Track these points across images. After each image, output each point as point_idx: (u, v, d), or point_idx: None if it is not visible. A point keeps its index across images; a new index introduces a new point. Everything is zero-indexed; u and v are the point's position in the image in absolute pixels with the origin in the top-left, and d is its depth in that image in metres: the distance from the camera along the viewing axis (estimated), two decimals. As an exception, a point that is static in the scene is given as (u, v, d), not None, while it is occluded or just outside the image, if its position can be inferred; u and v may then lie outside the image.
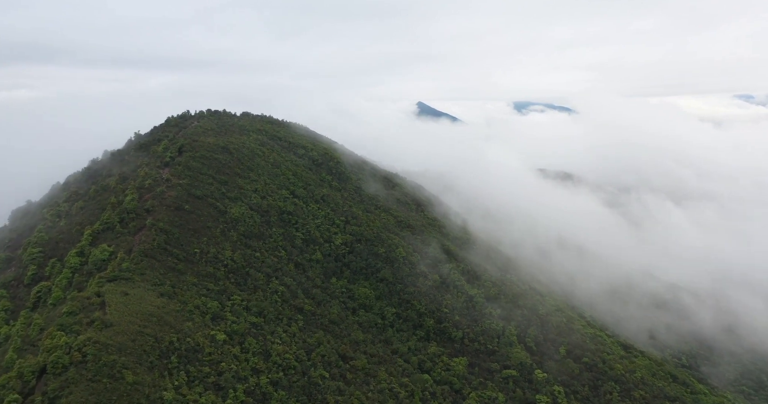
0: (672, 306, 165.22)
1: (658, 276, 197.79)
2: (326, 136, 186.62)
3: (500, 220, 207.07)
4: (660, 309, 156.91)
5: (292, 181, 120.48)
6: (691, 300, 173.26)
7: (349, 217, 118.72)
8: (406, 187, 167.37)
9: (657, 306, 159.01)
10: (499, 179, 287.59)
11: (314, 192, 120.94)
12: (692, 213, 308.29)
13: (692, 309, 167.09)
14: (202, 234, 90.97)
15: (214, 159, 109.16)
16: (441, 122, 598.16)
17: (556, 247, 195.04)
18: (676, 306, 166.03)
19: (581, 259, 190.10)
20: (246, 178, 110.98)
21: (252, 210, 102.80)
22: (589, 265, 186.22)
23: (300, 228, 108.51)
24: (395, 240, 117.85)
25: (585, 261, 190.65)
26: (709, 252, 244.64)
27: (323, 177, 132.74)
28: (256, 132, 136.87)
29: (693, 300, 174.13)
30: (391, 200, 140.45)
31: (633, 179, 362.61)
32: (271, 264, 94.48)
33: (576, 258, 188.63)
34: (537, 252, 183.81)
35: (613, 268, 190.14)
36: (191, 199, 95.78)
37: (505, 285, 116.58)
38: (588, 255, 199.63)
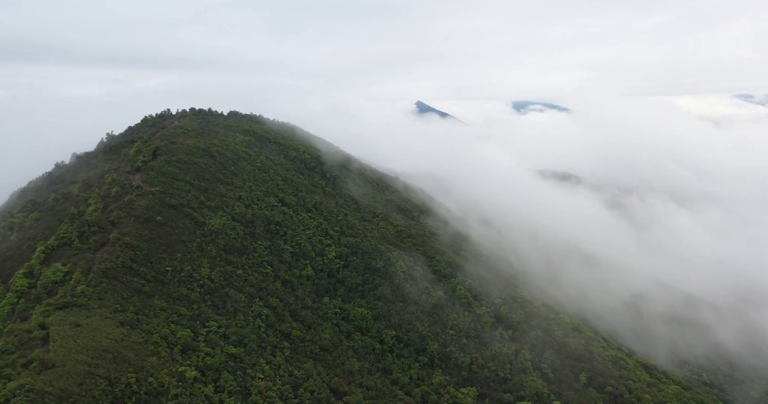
0: (689, 319, 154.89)
1: (671, 284, 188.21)
2: (323, 136, 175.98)
3: (502, 226, 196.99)
4: (677, 322, 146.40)
5: (281, 187, 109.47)
6: (708, 312, 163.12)
7: (344, 227, 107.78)
8: (405, 191, 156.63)
9: (674, 319, 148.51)
10: (499, 181, 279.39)
11: (306, 199, 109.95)
12: (698, 216, 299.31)
13: (711, 321, 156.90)
14: (175, 250, 79.83)
15: (193, 163, 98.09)
16: (440, 122, 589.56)
17: (563, 255, 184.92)
18: (694, 319, 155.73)
19: (590, 268, 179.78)
20: (229, 184, 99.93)
21: (234, 221, 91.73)
22: (598, 275, 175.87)
23: (289, 240, 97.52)
24: (395, 252, 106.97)
25: (594, 270, 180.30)
26: (719, 258, 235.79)
27: (316, 182, 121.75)
28: (243, 133, 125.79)
29: (711, 311, 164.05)
30: (390, 207, 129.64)
31: (633, 180, 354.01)
32: (254, 283, 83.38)
33: (584, 267, 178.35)
34: (543, 260, 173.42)
35: (624, 277, 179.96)
36: (164, 209, 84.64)
37: (516, 301, 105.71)
38: (596, 263, 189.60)
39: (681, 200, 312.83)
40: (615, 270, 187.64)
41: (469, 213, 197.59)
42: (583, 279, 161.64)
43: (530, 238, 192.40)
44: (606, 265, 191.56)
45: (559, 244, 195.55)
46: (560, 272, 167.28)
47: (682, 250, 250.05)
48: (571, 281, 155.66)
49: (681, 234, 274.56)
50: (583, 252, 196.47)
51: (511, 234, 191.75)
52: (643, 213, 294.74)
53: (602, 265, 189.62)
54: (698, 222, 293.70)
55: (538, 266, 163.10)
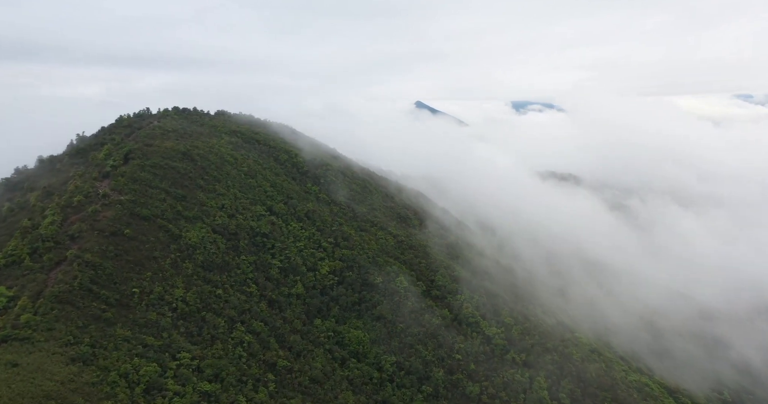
0: (706, 333, 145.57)
1: (684, 293, 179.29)
2: (321, 136, 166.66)
3: (504, 231, 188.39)
4: (694, 336, 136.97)
5: (270, 194, 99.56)
6: (725, 324, 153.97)
7: (339, 238, 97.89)
8: (405, 196, 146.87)
9: (691, 334, 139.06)
10: (499, 182, 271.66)
11: (297, 207, 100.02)
12: (702, 218, 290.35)
13: (728, 335, 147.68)
14: (145, 268, 69.84)
15: (171, 168, 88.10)
16: (439, 122, 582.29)
17: (569, 262, 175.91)
18: (711, 333, 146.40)
19: (598, 275, 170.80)
20: (211, 191, 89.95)
21: (215, 234, 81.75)
22: (608, 283, 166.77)
23: (277, 254, 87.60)
24: (395, 266, 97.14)
25: (602, 277, 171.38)
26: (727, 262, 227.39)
27: (309, 188, 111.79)
28: (231, 134, 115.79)
29: (727, 324, 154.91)
30: (389, 214, 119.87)
31: (634, 180, 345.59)
32: (236, 305, 73.44)
33: (592, 275, 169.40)
34: (549, 269, 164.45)
35: (635, 286, 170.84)
36: (134, 221, 74.66)
37: (529, 320, 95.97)
38: (604, 269, 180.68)
39: (683, 201, 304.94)
40: (625, 278, 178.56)
41: (469, 217, 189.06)
42: (592, 289, 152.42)
43: (534, 244, 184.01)
44: (614, 272, 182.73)
45: (564, 250, 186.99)
46: (568, 281, 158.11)
47: (689, 254, 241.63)
48: (580, 292, 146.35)
49: (686, 237, 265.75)
50: (589, 258, 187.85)
51: (514, 239, 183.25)
52: (645, 216, 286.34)
53: (610, 272, 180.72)
54: (702, 225, 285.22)
55: (545, 275, 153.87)
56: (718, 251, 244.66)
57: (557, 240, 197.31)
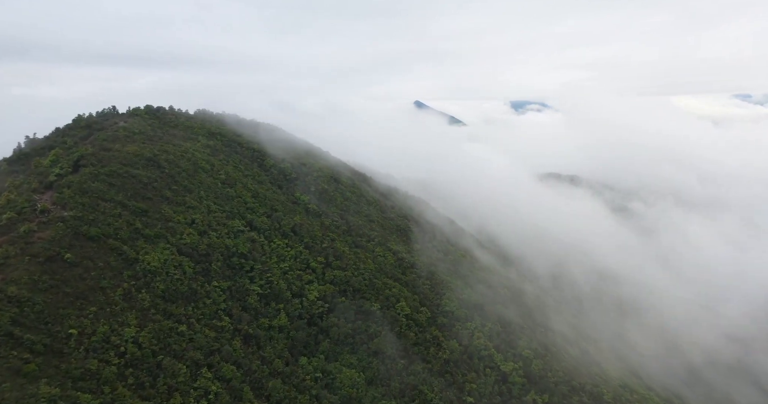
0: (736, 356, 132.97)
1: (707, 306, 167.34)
2: (317, 137, 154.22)
3: (510, 240, 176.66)
4: (727, 365, 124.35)
5: (251, 206, 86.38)
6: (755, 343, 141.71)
7: (330, 257, 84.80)
8: (405, 204, 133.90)
9: (721, 359, 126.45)
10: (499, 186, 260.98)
11: (282, 221, 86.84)
12: (707, 222, 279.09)
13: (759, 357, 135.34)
14: (88, 302, 56.61)
15: (131, 177, 74.87)
16: (438, 122, 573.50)
17: (580, 275, 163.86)
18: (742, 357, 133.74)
19: (615, 291, 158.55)
20: (179, 204, 76.73)
21: (182, 256, 68.55)
22: (626, 299, 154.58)
23: (257, 277, 74.44)
24: (395, 288, 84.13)
25: (620, 292, 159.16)
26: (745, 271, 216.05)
27: (297, 198, 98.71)
28: (208, 136, 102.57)
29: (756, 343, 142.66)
30: (388, 226, 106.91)
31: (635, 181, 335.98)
32: (203, 344, 60.24)
33: (608, 291, 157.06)
34: (563, 285, 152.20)
35: (654, 300, 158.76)
36: (79, 243, 61.43)
37: (549, 352, 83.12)
38: (620, 284, 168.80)
39: (686, 204, 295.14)
40: (642, 292, 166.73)
41: (470, 222, 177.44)
42: (610, 307, 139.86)
43: (541, 254, 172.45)
44: (630, 285, 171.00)
45: (573, 259, 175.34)
46: (582, 299, 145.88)
47: (702, 262, 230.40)
48: (598, 311, 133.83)
49: (696, 243, 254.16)
50: (601, 270, 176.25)
51: (520, 249, 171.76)
52: (650, 220, 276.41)
53: (626, 286, 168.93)
54: (711, 230, 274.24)
55: (558, 292, 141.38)
56: (732, 258, 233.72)
57: (564, 247, 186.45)
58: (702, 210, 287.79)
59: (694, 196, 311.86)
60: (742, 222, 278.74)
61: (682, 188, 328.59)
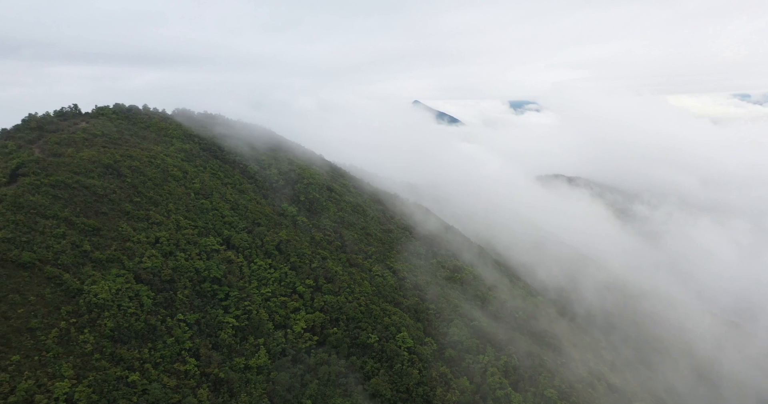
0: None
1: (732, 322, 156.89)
2: (313, 138, 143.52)
3: (514, 246, 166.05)
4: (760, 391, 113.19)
5: (230, 220, 74.77)
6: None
7: (321, 279, 73.27)
8: (404, 213, 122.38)
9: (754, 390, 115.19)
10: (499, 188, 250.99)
11: (265, 237, 75.23)
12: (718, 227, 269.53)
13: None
14: (11, 348, 45.02)
15: (84, 188, 63.23)
16: (436, 122, 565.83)
17: (594, 287, 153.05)
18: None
19: (632, 305, 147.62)
20: (141, 219, 65.10)
21: (139, 283, 56.94)
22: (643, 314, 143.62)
23: (233, 306, 62.87)
24: (396, 316, 72.62)
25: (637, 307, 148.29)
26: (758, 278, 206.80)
27: (284, 209, 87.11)
28: (184, 139, 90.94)
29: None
30: (387, 240, 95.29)
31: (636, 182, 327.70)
32: (159, 397, 48.64)
33: (624, 305, 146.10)
34: (577, 300, 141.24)
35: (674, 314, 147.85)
36: (6, 271, 49.80)
37: (575, 390, 71.67)
38: (635, 296, 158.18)
39: (689, 206, 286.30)
40: (660, 305, 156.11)
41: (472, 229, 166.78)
42: (629, 325, 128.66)
43: (549, 263, 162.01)
44: (646, 297, 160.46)
45: (583, 270, 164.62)
46: (597, 313, 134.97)
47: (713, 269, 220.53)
48: (617, 329, 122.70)
49: (704, 248, 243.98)
50: (613, 280, 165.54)
51: (525, 257, 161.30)
52: (656, 223, 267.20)
53: (641, 297, 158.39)
54: (717, 234, 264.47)
55: (574, 310, 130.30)
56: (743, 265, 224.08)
57: (572, 254, 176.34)
58: (707, 213, 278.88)
59: (698, 199, 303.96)
60: (750, 227, 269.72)
61: (685, 190, 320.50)
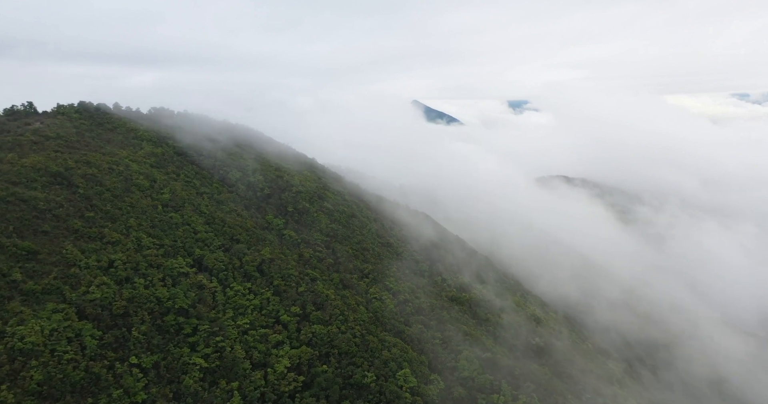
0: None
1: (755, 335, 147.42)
2: (310, 139, 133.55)
3: (518, 253, 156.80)
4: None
5: (203, 237, 64.33)
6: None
7: (309, 305, 62.90)
8: (403, 221, 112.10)
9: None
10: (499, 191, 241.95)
11: (245, 256, 64.84)
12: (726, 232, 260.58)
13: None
14: None
15: (21, 201, 52.72)
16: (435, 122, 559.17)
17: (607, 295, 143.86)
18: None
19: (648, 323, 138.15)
20: (93, 238, 54.64)
21: (83, 320, 46.47)
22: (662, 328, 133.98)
23: (202, 343, 52.43)
24: (396, 348, 62.30)
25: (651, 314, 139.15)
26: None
27: (270, 221, 76.71)
28: (155, 143, 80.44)
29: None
30: (387, 255, 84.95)
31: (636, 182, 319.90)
32: (97, 474, 38.11)
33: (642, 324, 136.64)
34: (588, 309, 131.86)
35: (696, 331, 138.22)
36: None
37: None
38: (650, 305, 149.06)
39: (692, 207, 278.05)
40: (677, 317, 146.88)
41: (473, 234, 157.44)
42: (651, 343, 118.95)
43: (556, 271, 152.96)
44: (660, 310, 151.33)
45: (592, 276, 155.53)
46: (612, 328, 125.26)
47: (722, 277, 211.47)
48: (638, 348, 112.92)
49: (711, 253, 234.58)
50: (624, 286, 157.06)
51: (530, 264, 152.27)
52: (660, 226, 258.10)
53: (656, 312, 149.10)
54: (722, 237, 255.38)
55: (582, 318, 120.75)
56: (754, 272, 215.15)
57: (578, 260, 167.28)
58: (710, 215, 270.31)
59: (700, 200, 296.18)
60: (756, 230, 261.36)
61: (686, 191, 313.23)
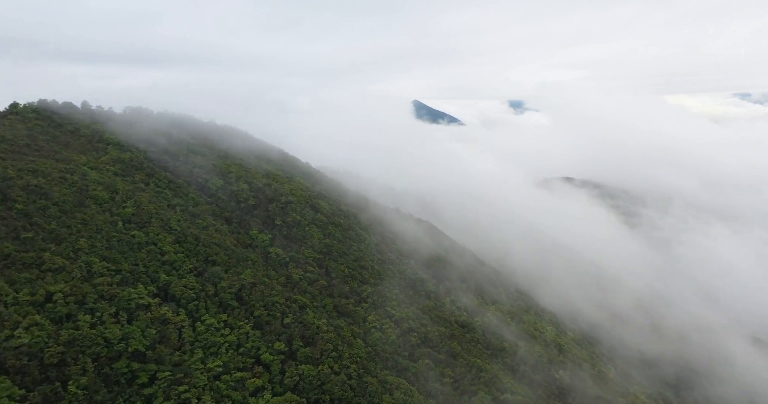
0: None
1: None
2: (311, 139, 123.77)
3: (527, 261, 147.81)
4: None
5: (171, 258, 54.30)
6: None
7: (296, 340, 52.91)
8: (408, 233, 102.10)
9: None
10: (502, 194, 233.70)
11: (221, 281, 54.85)
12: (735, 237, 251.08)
13: None
14: None
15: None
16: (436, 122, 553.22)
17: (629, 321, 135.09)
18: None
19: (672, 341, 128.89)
20: (28, 265, 44.65)
21: (2, 376, 36.39)
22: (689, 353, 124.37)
23: (160, 395, 42.37)
24: (400, 391, 52.24)
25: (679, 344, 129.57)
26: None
27: (253, 237, 66.74)
28: (123, 147, 70.47)
29: None
30: (388, 275, 74.90)
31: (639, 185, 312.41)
32: None
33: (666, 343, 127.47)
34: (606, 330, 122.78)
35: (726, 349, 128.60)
36: None
37: None
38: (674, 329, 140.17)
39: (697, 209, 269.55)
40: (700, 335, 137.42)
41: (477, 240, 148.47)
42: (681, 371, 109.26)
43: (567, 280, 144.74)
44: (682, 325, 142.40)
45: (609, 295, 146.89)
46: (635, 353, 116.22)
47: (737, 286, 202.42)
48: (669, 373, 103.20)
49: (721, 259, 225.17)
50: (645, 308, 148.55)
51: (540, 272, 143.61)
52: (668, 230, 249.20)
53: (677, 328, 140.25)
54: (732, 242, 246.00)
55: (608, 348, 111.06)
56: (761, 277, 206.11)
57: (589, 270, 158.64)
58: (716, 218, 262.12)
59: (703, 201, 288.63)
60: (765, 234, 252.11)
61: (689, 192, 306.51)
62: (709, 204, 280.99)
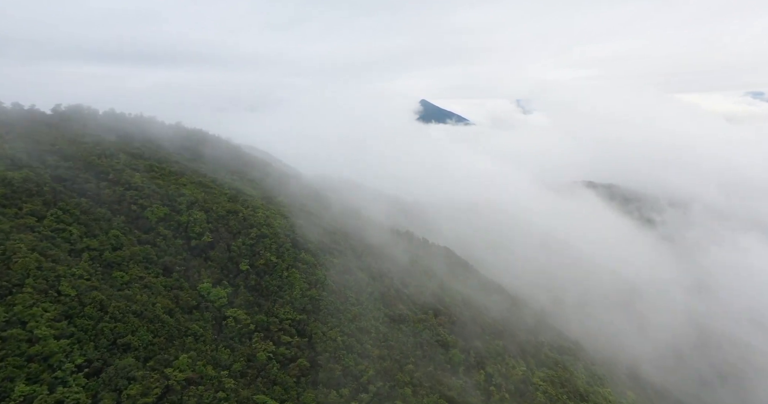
0: None
1: None
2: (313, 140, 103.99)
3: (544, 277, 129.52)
4: None
5: (48, 352, 33.19)
6: None
7: None
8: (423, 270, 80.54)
9: None
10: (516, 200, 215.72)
11: (129, 386, 33.77)
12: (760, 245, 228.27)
13: None
14: None
15: None
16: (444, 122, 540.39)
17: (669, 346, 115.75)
18: None
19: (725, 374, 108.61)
20: None
21: None
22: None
23: None
24: None
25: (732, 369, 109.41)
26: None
27: (203, 293, 45.65)
28: (17, 162, 49.68)
29: None
30: (398, 344, 53.62)
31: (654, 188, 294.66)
32: None
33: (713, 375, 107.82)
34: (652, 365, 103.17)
35: None
36: None
37: None
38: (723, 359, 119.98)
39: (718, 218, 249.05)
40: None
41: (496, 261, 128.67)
42: None
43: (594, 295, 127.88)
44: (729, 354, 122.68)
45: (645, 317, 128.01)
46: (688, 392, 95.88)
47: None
48: None
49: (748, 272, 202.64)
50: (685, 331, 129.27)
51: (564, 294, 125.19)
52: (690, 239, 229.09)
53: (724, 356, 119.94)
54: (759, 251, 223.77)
55: None
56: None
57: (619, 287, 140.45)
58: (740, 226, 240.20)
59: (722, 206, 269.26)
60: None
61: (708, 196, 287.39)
62: (728, 208, 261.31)
